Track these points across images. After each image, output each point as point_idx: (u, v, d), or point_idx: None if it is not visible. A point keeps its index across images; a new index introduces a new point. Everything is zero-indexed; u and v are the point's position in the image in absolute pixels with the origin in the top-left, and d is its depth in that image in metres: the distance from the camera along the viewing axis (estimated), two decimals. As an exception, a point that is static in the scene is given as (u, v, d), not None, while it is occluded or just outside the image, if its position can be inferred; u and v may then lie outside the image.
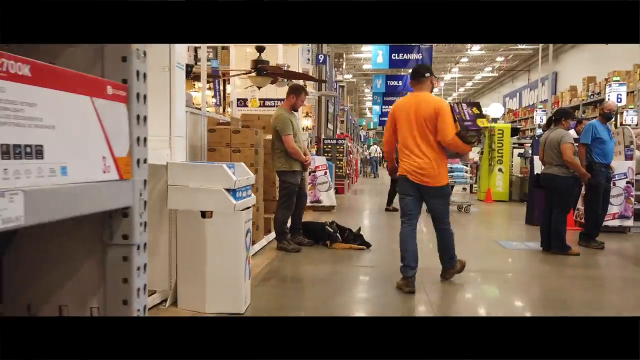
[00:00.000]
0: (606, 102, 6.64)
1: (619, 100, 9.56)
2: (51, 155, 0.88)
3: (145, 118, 1.21)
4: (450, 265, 4.10)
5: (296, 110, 5.42)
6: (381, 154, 22.68)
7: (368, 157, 23.44)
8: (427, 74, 3.94)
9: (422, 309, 3.59)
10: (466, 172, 9.06)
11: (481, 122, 3.70)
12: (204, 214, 3.22)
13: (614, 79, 10.09)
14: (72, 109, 0.95)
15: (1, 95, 0.78)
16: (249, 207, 3.48)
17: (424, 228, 6.54)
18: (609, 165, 5.83)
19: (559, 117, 5.37)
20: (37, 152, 0.85)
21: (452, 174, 8.31)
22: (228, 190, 3.26)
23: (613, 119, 7.11)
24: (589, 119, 9.22)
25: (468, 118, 3.71)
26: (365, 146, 31.44)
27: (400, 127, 3.91)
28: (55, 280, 1.14)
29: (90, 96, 1.00)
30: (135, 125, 1.17)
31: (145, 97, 1.22)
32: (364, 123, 39.44)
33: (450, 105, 3.83)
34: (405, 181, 3.88)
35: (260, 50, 5.88)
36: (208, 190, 3.20)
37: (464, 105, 3.84)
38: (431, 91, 4.02)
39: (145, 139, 1.21)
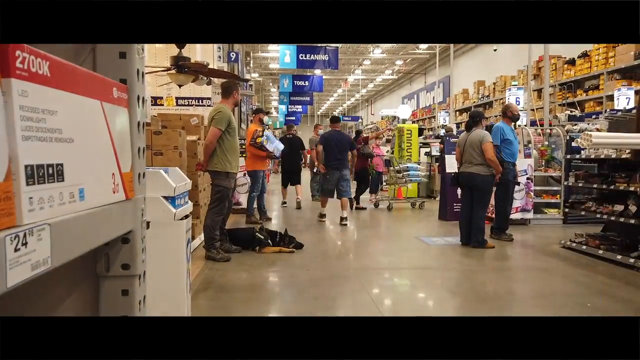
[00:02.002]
0: (511, 105, 7.01)
1: (517, 102, 10.45)
2: (71, 176, 0.70)
3: (144, 125, 1.03)
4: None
5: (237, 105, 5.17)
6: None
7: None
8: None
9: (368, 310, 3.60)
10: (419, 170, 9.89)
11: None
12: (140, 225, 2.93)
13: (513, 83, 11.04)
14: (87, 116, 0.77)
15: (24, 101, 0.60)
16: (187, 216, 3.24)
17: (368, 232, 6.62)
18: (515, 163, 6.32)
19: (478, 119, 5.70)
20: (58, 172, 0.67)
21: (408, 172, 9.43)
22: (166, 198, 3.01)
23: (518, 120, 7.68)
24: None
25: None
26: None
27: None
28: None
29: (100, 100, 0.82)
30: (136, 134, 0.99)
31: (144, 100, 1.04)
32: (270, 122, 39.22)
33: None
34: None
35: (180, 46, 5.53)
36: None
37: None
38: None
39: (144, 150, 1.03)
